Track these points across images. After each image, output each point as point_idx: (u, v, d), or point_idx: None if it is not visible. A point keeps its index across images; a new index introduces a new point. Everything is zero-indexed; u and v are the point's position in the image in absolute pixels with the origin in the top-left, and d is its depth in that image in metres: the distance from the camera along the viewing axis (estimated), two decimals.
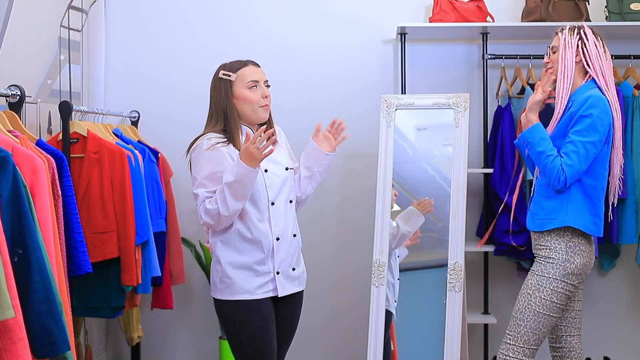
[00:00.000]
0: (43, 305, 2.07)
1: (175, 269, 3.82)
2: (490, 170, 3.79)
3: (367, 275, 3.52)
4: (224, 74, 2.68)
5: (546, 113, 2.93)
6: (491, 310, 3.94)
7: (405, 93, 3.87)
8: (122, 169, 3.16)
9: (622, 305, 4.06)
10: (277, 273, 2.65)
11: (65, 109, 3.06)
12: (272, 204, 2.64)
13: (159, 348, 4.18)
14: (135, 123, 3.97)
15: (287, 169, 2.73)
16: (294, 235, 2.73)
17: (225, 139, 2.63)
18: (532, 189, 2.96)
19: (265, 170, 2.64)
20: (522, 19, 3.88)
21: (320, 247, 4.06)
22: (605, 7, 3.80)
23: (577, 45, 2.81)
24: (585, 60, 2.81)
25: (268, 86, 2.72)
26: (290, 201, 2.73)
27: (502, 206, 3.65)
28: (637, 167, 3.68)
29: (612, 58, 3.71)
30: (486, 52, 3.85)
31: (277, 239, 2.64)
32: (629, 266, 4.01)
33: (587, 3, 3.81)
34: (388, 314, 3.44)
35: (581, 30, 2.84)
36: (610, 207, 2.98)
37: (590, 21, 3.78)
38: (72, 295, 2.65)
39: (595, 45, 2.82)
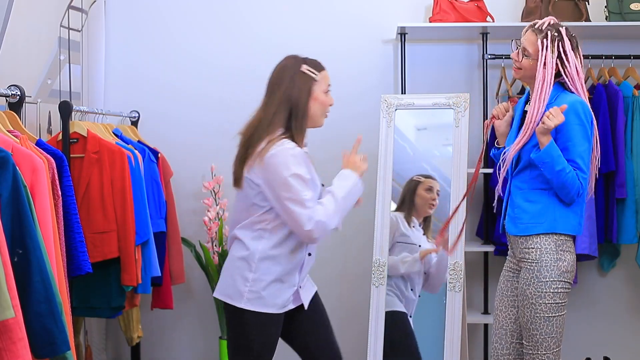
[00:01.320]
0: (43, 305, 2.07)
1: (175, 269, 3.82)
2: (490, 170, 3.79)
3: (367, 275, 3.52)
4: (309, 70, 2.56)
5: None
6: (491, 310, 3.93)
7: (405, 93, 3.87)
8: (122, 169, 3.16)
9: (622, 306, 4.06)
10: (300, 287, 2.63)
11: (65, 109, 3.06)
12: None
13: (159, 348, 4.18)
14: (135, 123, 3.97)
15: (322, 185, 2.65)
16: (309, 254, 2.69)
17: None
18: (507, 191, 2.88)
19: (322, 185, 2.60)
20: (522, 19, 3.87)
21: (320, 248, 4.03)
22: (605, 7, 3.80)
23: (557, 63, 2.69)
24: (565, 74, 2.70)
25: None
26: None
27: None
28: (637, 167, 3.68)
29: (612, 58, 3.76)
30: (486, 52, 3.85)
31: (309, 254, 2.64)
32: (629, 266, 4.01)
33: (587, 3, 3.81)
34: (401, 314, 3.42)
35: (559, 44, 2.69)
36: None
37: (590, 21, 3.78)
38: (72, 295, 2.64)
39: (575, 57, 2.70)
